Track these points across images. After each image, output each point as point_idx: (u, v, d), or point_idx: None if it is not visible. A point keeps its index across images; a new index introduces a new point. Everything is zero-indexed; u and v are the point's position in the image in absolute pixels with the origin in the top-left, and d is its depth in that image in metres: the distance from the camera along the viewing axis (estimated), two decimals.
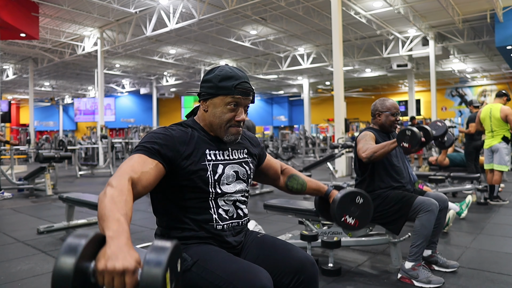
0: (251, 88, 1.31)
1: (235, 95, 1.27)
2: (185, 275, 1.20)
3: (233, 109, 1.29)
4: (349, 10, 10.94)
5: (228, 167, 1.33)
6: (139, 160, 1.17)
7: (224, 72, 1.29)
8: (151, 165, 1.19)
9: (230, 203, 1.33)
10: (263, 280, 1.11)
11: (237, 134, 1.33)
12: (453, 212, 3.62)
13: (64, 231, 3.91)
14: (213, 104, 1.30)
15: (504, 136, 4.98)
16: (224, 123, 1.30)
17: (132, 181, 1.11)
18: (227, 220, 1.31)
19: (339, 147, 8.11)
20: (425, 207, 2.34)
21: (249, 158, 1.44)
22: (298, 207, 3.08)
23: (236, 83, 1.27)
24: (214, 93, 1.29)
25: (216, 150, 1.33)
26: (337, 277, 2.50)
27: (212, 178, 1.28)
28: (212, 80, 1.29)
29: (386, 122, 2.61)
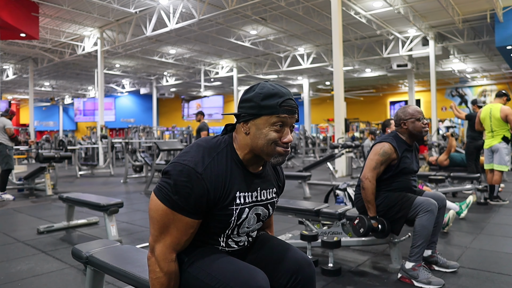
0: (296, 105, 1.20)
1: (280, 114, 1.15)
2: (182, 276, 1.20)
3: (278, 130, 1.16)
4: (349, 10, 10.94)
5: (253, 210, 1.25)
6: (182, 227, 1.14)
7: (266, 89, 1.17)
8: (193, 228, 1.17)
9: (243, 235, 1.30)
10: (260, 281, 1.11)
11: (284, 155, 1.20)
12: (453, 212, 3.62)
13: (64, 231, 3.91)
14: (255, 126, 1.17)
15: (504, 136, 4.98)
16: (270, 142, 1.16)
17: (175, 250, 1.17)
18: (236, 248, 1.30)
19: (339, 147, 8.10)
20: (425, 207, 2.34)
21: (276, 197, 1.35)
22: (298, 207, 3.08)
23: (280, 101, 1.15)
24: (257, 113, 1.16)
25: (246, 191, 1.22)
26: (337, 277, 2.50)
27: (235, 223, 1.22)
28: (253, 99, 1.17)
29: (414, 129, 2.51)
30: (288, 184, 7.54)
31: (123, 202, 3.56)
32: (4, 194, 6.00)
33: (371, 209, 2.47)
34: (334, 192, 4.19)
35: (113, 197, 4.36)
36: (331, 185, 6.75)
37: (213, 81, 22.35)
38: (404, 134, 2.57)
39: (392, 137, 2.56)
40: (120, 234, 3.58)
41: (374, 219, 2.45)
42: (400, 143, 2.53)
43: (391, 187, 2.52)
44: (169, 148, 6.61)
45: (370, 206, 2.47)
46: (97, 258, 1.68)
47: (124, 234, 3.75)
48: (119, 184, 8.00)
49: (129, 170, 8.88)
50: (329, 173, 8.09)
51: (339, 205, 3.82)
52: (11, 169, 6.15)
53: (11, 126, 6.14)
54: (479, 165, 6.03)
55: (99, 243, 1.90)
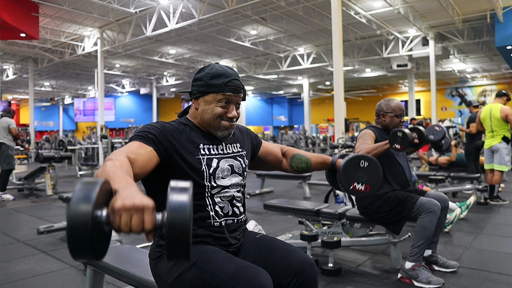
0: (241, 85, 1.33)
1: (226, 92, 1.29)
2: (184, 276, 1.19)
3: (224, 106, 1.30)
4: (349, 10, 10.94)
5: (223, 161, 1.34)
6: (135, 145, 1.19)
7: (214, 70, 1.31)
8: (147, 149, 1.20)
9: (225, 200, 1.33)
10: (263, 280, 1.11)
11: (230, 128, 1.34)
12: (459, 211, 3.63)
13: (64, 231, 3.91)
14: (204, 102, 1.32)
15: (504, 136, 4.98)
16: (216, 116, 1.30)
17: (129, 160, 1.11)
18: (223, 217, 1.32)
19: (339, 147, 8.10)
20: (428, 208, 2.34)
21: (243, 151, 1.45)
22: (298, 207, 3.08)
23: (226, 80, 1.29)
24: (205, 90, 1.30)
25: (210, 144, 1.34)
26: (337, 277, 2.50)
27: (207, 172, 1.29)
28: (203, 78, 1.31)
29: (390, 124, 2.59)
30: (288, 184, 7.54)
31: None
32: (4, 194, 6.00)
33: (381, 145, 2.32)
34: (334, 192, 4.20)
35: None
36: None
37: None
38: (380, 125, 2.66)
39: (372, 127, 2.65)
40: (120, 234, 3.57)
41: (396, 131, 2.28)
42: (380, 131, 2.60)
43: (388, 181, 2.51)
44: None
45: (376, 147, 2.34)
46: None
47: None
48: None
49: None
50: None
51: (339, 205, 3.82)
52: (12, 169, 6.15)
53: (15, 125, 6.16)
54: (479, 165, 6.03)
55: None
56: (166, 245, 0.76)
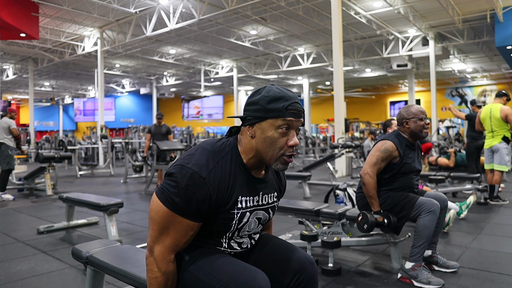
0: (302, 109, 1.20)
1: (286, 117, 1.15)
2: (182, 275, 1.20)
3: (284, 133, 1.16)
4: (349, 10, 10.94)
5: (254, 214, 1.25)
6: (182, 229, 1.14)
7: (272, 92, 1.17)
8: (193, 230, 1.17)
9: (245, 237, 1.30)
10: (260, 282, 1.11)
11: (287, 165, 1.20)
12: (453, 212, 3.62)
13: (64, 231, 3.91)
14: (261, 129, 1.17)
15: (504, 136, 4.98)
16: (277, 150, 1.17)
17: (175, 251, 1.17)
18: (238, 250, 1.29)
19: (339, 147, 8.10)
20: (427, 208, 2.34)
21: (276, 202, 1.35)
22: (298, 207, 3.08)
23: (287, 104, 1.15)
24: (263, 116, 1.16)
25: (248, 196, 1.22)
26: (337, 277, 2.50)
27: (236, 227, 1.22)
28: (260, 102, 1.16)
29: (416, 128, 2.52)
30: (288, 184, 7.53)
31: (123, 202, 3.56)
32: (4, 194, 6.00)
33: (374, 204, 2.46)
34: (334, 192, 4.19)
35: (113, 197, 4.36)
36: (331, 185, 6.74)
37: (213, 81, 22.35)
38: (406, 133, 2.58)
39: (394, 136, 2.57)
40: (120, 234, 3.58)
41: (379, 214, 2.43)
42: (402, 142, 2.53)
43: (392, 186, 2.52)
44: (169, 148, 6.61)
45: (373, 201, 2.46)
46: (97, 258, 1.68)
47: (124, 234, 3.75)
48: (119, 184, 8.00)
49: (129, 170, 8.88)
50: (329, 173, 8.09)
51: (339, 205, 3.82)
52: (11, 169, 6.16)
53: (15, 126, 6.15)
54: (480, 165, 6.03)
55: (99, 243, 1.90)
56: None
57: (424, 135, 2.56)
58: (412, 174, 2.57)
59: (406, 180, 2.53)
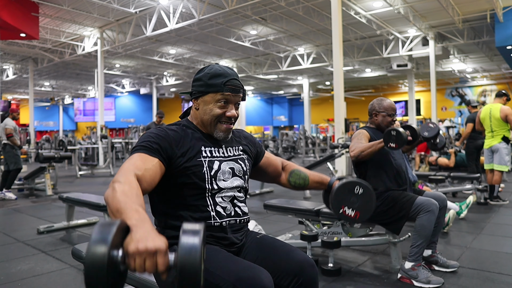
0: (240, 85, 1.34)
1: (224, 92, 1.30)
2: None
3: (223, 106, 1.32)
4: (349, 10, 10.94)
5: (224, 164, 1.35)
6: (140, 159, 1.20)
7: (213, 70, 1.32)
8: (153, 162, 1.21)
9: (227, 200, 1.34)
10: (264, 280, 1.10)
11: (227, 131, 1.35)
12: (453, 212, 3.62)
13: (64, 231, 3.92)
14: (203, 102, 1.33)
15: (504, 136, 4.98)
16: (214, 118, 1.32)
17: (137, 178, 1.12)
18: (225, 217, 1.32)
19: (339, 147, 8.10)
20: (426, 207, 2.34)
21: (244, 155, 1.45)
22: (298, 207, 3.08)
23: (225, 80, 1.30)
24: (204, 90, 1.32)
25: (211, 147, 1.35)
26: (337, 277, 2.50)
27: (208, 174, 1.30)
28: (202, 79, 1.33)
29: (382, 122, 2.62)
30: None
31: None
32: (8, 192, 6.04)
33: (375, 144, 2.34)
34: None
35: None
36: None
37: None
38: (372, 125, 2.67)
39: (366, 127, 2.66)
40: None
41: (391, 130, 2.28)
42: (374, 131, 2.61)
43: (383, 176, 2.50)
44: None
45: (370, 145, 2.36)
46: None
47: None
48: None
49: None
50: (329, 173, 8.08)
51: None
52: (19, 169, 6.22)
53: (10, 126, 6.12)
54: (480, 165, 6.03)
55: None
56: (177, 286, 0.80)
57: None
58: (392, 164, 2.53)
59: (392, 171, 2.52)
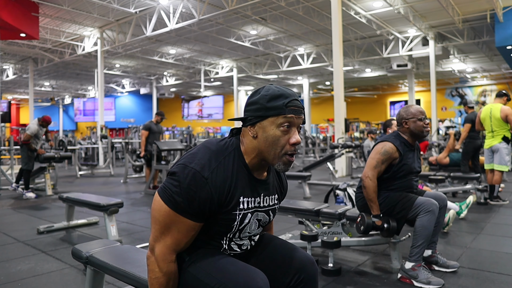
0: (302, 106, 1.20)
1: (287, 115, 1.15)
2: (182, 275, 1.20)
3: (286, 131, 1.16)
4: (349, 10, 10.94)
5: (254, 215, 1.25)
6: (183, 228, 1.14)
7: (271, 91, 1.17)
8: (194, 230, 1.17)
9: (245, 239, 1.30)
10: (259, 282, 1.11)
11: (289, 164, 1.20)
12: (453, 212, 3.62)
13: (64, 231, 3.91)
14: (262, 128, 1.16)
15: (504, 136, 4.98)
16: (280, 149, 1.16)
17: (175, 251, 1.17)
18: (238, 252, 1.30)
19: (339, 147, 8.10)
20: (426, 207, 2.34)
21: (277, 204, 1.35)
22: (298, 207, 3.08)
23: (286, 101, 1.15)
24: (263, 115, 1.15)
25: (250, 197, 1.22)
26: (337, 277, 2.50)
27: (237, 228, 1.22)
28: (259, 101, 1.16)
29: (415, 128, 2.51)
30: (289, 184, 7.51)
31: (123, 202, 3.56)
32: (28, 192, 6.18)
33: (373, 208, 2.46)
34: (334, 192, 4.19)
35: (113, 197, 4.36)
36: (331, 185, 6.74)
37: (213, 81, 22.35)
38: (405, 134, 2.57)
39: (394, 137, 2.56)
40: (120, 234, 3.58)
41: (377, 217, 2.43)
42: (401, 143, 2.53)
43: (392, 186, 2.51)
44: (169, 148, 6.60)
45: (372, 204, 2.46)
46: (97, 258, 1.68)
47: (124, 234, 3.75)
48: (119, 184, 7.99)
49: (129, 170, 8.88)
50: (329, 173, 8.08)
51: (339, 205, 3.82)
52: (29, 170, 6.27)
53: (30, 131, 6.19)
54: (479, 165, 6.03)
55: (99, 243, 1.89)
56: None
57: (425, 134, 2.55)
58: (412, 175, 2.56)
59: (406, 180, 2.53)
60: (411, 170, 2.53)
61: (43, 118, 6.36)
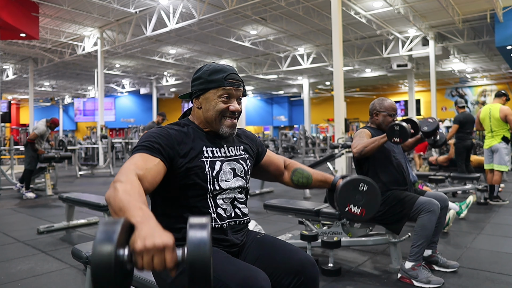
0: (240, 79, 1.34)
1: (226, 87, 1.30)
2: (183, 276, 1.19)
3: (226, 101, 1.31)
4: (349, 10, 10.94)
5: (225, 164, 1.34)
6: (141, 159, 1.19)
7: (212, 67, 1.33)
8: (154, 161, 1.20)
9: (228, 202, 1.33)
10: (261, 281, 1.11)
11: (232, 126, 1.34)
12: (453, 212, 3.62)
13: (64, 231, 3.92)
14: (205, 100, 1.33)
15: (503, 136, 4.99)
16: (218, 113, 1.31)
17: (138, 177, 1.11)
18: (226, 219, 1.32)
19: (339, 147, 8.10)
20: (427, 207, 2.34)
21: (245, 154, 1.44)
22: (298, 207, 3.08)
23: (225, 75, 1.30)
24: (205, 88, 1.32)
25: (213, 147, 1.34)
26: (337, 277, 2.50)
27: (210, 175, 1.29)
28: (202, 76, 1.33)
29: (383, 123, 2.62)
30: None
31: None
32: (27, 192, 6.17)
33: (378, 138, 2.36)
34: None
35: None
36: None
37: None
38: (373, 125, 2.68)
39: (367, 127, 2.67)
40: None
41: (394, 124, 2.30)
42: (375, 131, 2.62)
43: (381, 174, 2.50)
44: None
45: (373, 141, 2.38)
46: None
47: None
48: None
49: None
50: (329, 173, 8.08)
51: None
52: (30, 170, 6.25)
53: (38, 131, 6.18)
54: (470, 164, 6.05)
55: None
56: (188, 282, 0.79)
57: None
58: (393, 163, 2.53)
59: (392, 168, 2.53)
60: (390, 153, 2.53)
61: (51, 120, 6.34)
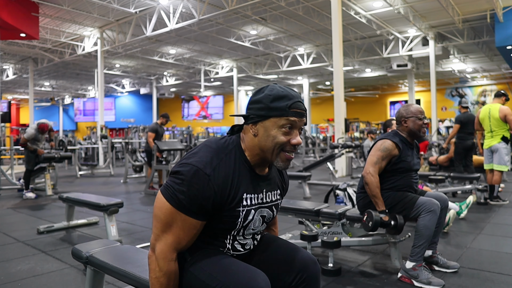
0: (305, 108, 1.20)
1: (289, 117, 1.15)
2: (183, 275, 1.20)
3: (287, 132, 1.16)
4: (349, 10, 10.94)
5: (258, 211, 1.25)
6: (185, 227, 1.14)
7: (275, 91, 1.17)
8: (196, 229, 1.16)
9: (249, 238, 1.30)
10: (260, 282, 1.11)
11: (289, 161, 1.20)
12: (453, 212, 3.62)
13: (64, 231, 3.91)
14: (264, 128, 1.17)
15: (503, 136, 4.98)
16: (278, 146, 1.16)
17: (178, 252, 1.17)
18: (241, 252, 1.29)
19: (339, 147, 8.10)
20: (427, 207, 2.34)
21: (280, 199, 1.36)
22: (298, 207, 3.08)
23: (290, 103, 1.15)
24: (266, 115, 1.16)
25: (253, 193, 1.22)
26: (337, 277, 2.50)
27: (241, 224, 1.22)
28: (263, 101, 1.17)
29: (414, 127, 2.55)
30: (289, 184, 7.52)
31: (123, 202, 3.56)
32: (27, 192, 6.17)
33: (378, 203, 2.44)
34: (334, 192, 4.19)
35: (113, 197, 4.36)
36: (331, 185, 6.74)
37: (213, 81, 22.35)
38: (404, 132, 2.60)
39: (393, 135, 2.59)
40: (120, 234, 3.58)
41: (384, 213, 2.42)
42: (400, 140, 2.55)
43: (391, 184, 2.52)
44: (169, 148, 6.61)
45: (377, 200, 2.45)
46: (97, 258, 1.68)
47: (124, 234, 3.75)
48: (119, 184, 7.99)
49: (129, 170, 8.88)
50: (329, 173, 8.08)
51: (339, 205, 3.82)
52: (29, 170, 6.27)
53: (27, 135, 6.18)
54: (472, 165, 6.05)
55: (99, 243, 1.90)
56: None
57: (422, 134, 2.58)
58: (411, 172, 2.57)
59: (405, 178, 2.54)
60: (410, 167, 2.54)
61: (39, 126, 6.35)
